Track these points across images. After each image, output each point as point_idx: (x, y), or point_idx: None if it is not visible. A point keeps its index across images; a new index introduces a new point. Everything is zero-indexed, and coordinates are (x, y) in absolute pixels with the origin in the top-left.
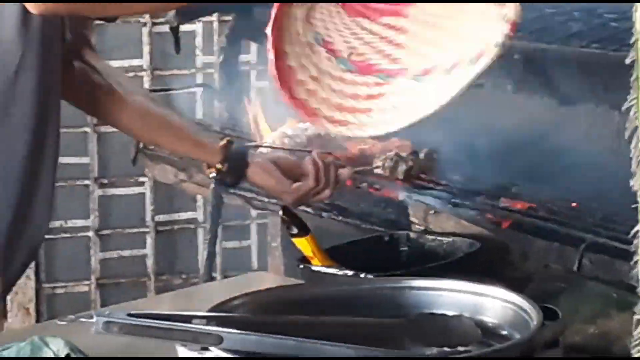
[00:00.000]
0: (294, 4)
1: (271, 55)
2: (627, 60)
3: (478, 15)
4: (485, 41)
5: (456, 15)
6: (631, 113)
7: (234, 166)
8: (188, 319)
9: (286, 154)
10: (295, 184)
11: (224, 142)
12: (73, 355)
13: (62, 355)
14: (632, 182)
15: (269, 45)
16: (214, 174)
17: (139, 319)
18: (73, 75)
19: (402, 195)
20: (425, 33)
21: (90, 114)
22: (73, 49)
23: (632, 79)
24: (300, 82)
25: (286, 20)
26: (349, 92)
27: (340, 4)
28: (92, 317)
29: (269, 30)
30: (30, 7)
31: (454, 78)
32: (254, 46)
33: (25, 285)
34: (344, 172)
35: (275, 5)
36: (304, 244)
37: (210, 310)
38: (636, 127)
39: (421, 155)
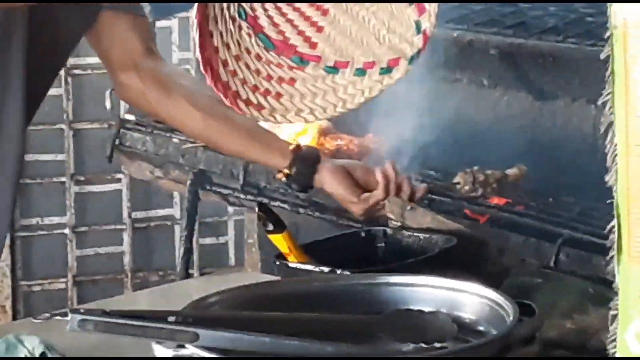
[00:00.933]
0: None
1: (196, 37)
2: (602, 55)
3: (397, 16)
4: (400, 49)
5: (376, 11)
6: (606, 108)
7: (303, 171)
8: (163, 317)
9: (358, 161)
10: (365, 195)
11: (293, 146)
12: (48, 353)
13: (37, 353)
14: (607, 177)
15: (194, 27)
16: (283, 179)
17: (114, 317)
18: (135, 80)
19: None
20: (345, 21)
21: (157, 119)
22: (130, 56)
23: (607, 73)
24: (223, 63)
25: None
26: (264, 73)
27: None
28: (67, 315)
29: (193, 13)
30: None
31: (365, 83)
32: None
33: (2, 282)
34: (421, 188)
35: None
36: (280, 241)
37: (186, 308)
38: (611, 122)
39: (510, 172)
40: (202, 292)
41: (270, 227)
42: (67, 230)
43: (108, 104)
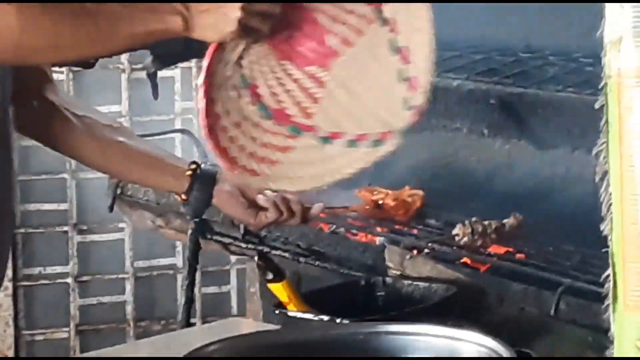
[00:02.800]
0: (227, 49)
1: (201, 104)
2: (597, 105)
3: (390, 88)
4: (390, 124)
5: (372, 83)
6: (601, 157)
7: (199, 197)
8: None
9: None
10: (260, 215)
11: (189, 171)
12: None
13: None
14: (602, 226)
15: (200, 94)
16: (183, 203)
17: None
18: (33, 113)
19: (379, 241)
20: (340, 94)
21: (56, 150)
22: (31, 87)
23: (601, 123)
24: (224, 129)
25: (218, 65)
26: (261, 140)
27: (270, 45)
28: None
29: (200, 80)
30: None
31: (356, 155)
32: None
33: (4, 332)
34: (316, 208)
35: (208, 54)
36: (279, 290)
37: (185, 357)
38: (605, 172)
39: (507, 223)
40: (202, 341)
41: (270, 276)
42: (69, 280)
43: None
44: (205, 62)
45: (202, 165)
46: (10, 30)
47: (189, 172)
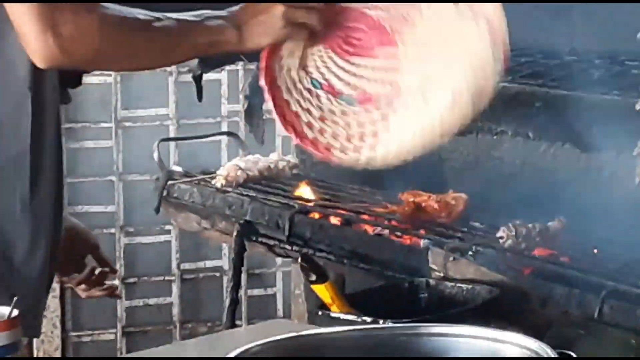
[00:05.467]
0: (285, 55)
1: (271, 105)
2: (638, 107)
3: (477, 45)
4: (483, 76)
5: (444, 41)
6: None
7: None
8: None
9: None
10: (77, 279)
11: None
12: None
13: None
14: None
15: (266, 95)
16: None
17: None
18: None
19: (423, 243)
20: (419, 53)
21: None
22: None
23: None
24: (307, 124)
25: (279, 71)
26: (354, 123)
27: (330, 48)
28: None
29: (262, 82)
30: (37, 62)
31: (454, 112)
32: None
33: (52, 333)
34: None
35: (263, 57)
36: (322, 291)
37: (229, 358)
38: None
39: (552, 226)
40: (247, 342)
41: (313, 277)
42: (116, 281)
43: (156, 156)
44: (262, 64)
45: None
46: (92, 39)
47: None
